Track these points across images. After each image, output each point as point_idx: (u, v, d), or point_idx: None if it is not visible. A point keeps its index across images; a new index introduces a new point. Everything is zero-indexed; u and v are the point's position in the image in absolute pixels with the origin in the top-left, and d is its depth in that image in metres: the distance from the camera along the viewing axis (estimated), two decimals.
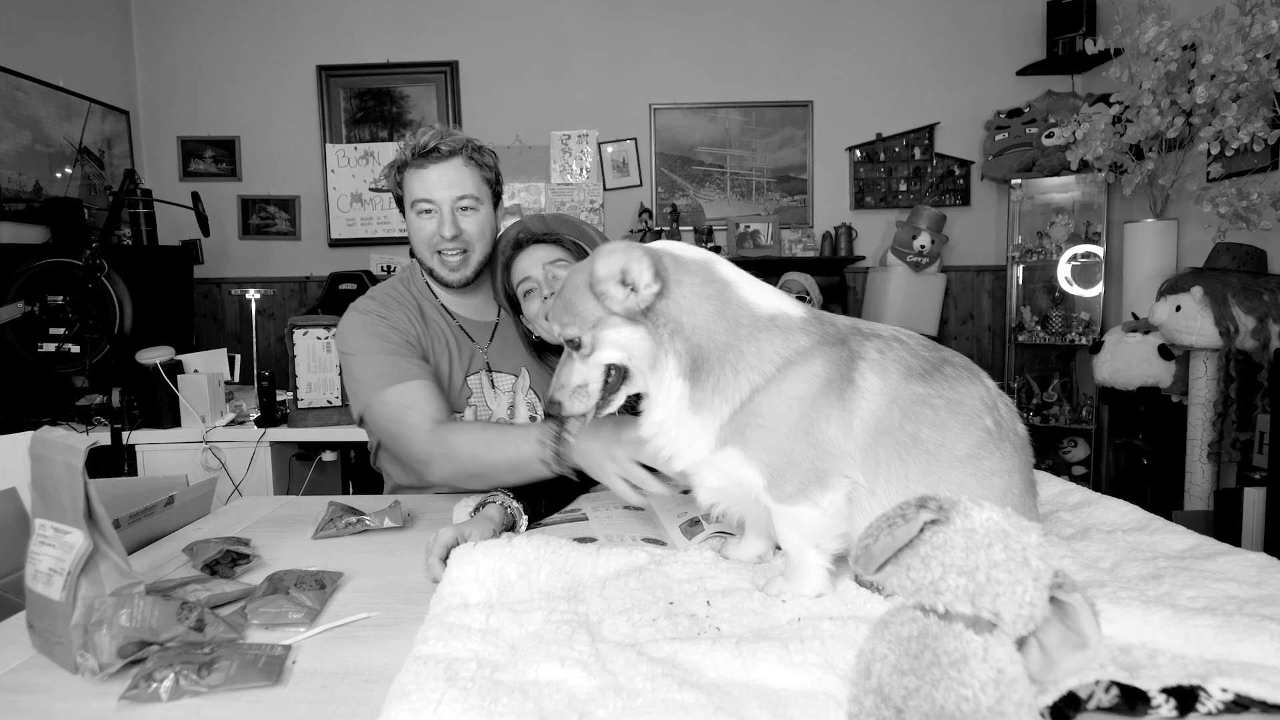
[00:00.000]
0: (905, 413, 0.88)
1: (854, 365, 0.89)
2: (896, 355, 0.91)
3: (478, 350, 1.55)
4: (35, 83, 3.51)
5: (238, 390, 3.03)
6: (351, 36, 4.28)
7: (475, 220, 1.46)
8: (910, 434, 0.88)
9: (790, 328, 0.90)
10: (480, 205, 1.46)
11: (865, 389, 0.88)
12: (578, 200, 4.34)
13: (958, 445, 0.89)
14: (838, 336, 0.92)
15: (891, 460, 0.88)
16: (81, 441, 0.76)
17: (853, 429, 0.88)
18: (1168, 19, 2.78)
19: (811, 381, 0.87)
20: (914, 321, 3.87)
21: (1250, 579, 0.86)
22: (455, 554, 0.94)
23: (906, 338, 0.95)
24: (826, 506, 0.88)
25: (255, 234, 4.38)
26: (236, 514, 1.32)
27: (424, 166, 1.42)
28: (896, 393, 0.89)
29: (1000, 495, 0.91)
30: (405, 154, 1.44)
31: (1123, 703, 0.62)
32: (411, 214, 1.46)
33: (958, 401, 0.90)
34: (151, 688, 0.69)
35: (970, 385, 0.93)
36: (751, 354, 0.88)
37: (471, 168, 1.44)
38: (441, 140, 1.41)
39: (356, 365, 1.39)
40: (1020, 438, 0.95)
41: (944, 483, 0.89)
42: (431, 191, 1.42)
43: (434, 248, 1.45)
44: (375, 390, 1.35)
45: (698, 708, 0.63)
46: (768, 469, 0.89)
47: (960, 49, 4.20)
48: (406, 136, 1.45)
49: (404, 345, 1.41)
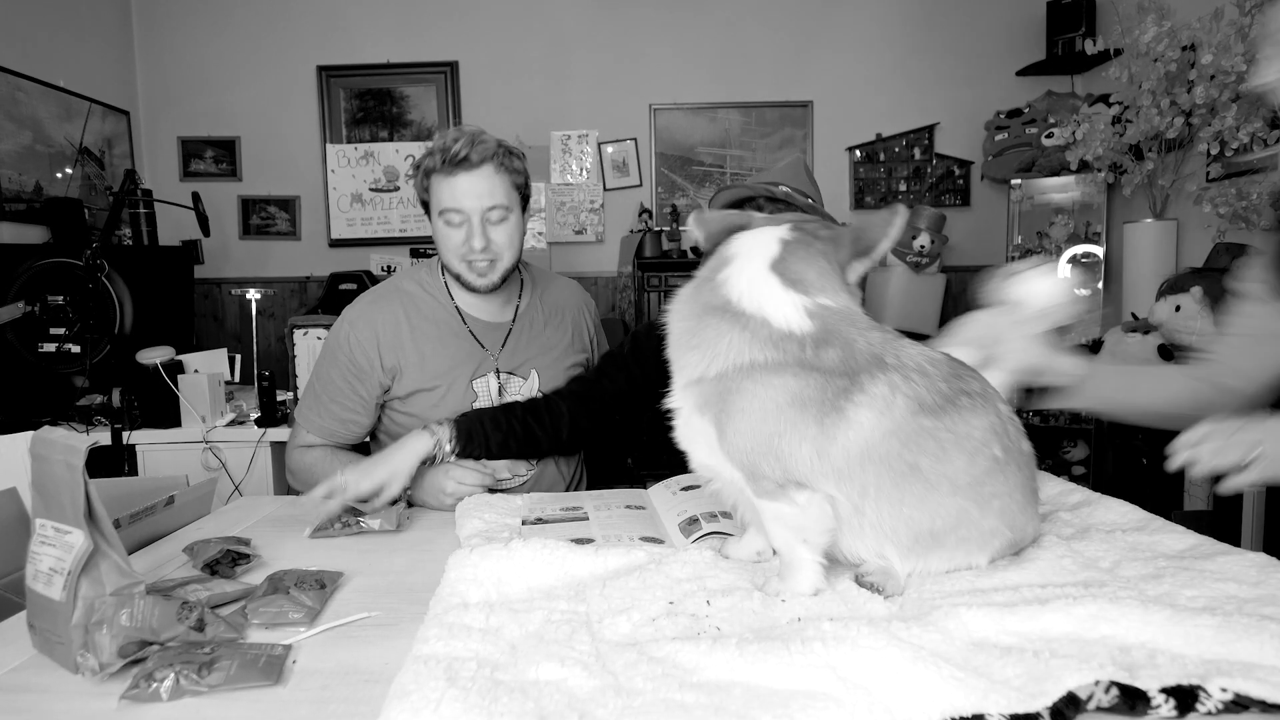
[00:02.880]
0: (905, 444, 0.86)
1: (849, 398, 0.85)
2: (911, 390, 0.86)
3: (488, 355, 1.54)
4: (35, 83, 3.51)
5: (238, 390, 3.03)
6: (351, 36, 4.28)
7: (504, 229, 1.44)
8: (909, 463, 0.86)
9: (757, 335, 0.87)
10: (510, 214, 1.43)
11: (855, 421, 0.85)
12: (578, 200, 4.35)
13: (960, 475, 0.87)
14: (843, 367, 0.86)
15: (884, 485, 0.86)
16: (82, 441, 0.76)
17: (828, 453, 0.85)
18: (1167, 19, 2.78)
19: (775, 390, 0.85)
20: (914, 322, 3.86)
21: (1250, 579, 0.86)
22: (453, 557, 0.95)
23: (932, 369, 0.89)
24: (805, 504, 0.87)
25: (255, 234, 4.38)
26: (236, 514, 1.32)
27: (453, 174, 1.38)
28: (898, 426, 0.85)
29: (999, 512, 0.91)
30: (434, 160, 1.40)
31: (1122, 703, 0.62)
32: (439, 221, 1.43)
33: (965, 435, 0.88)
34: (152, 687, 0.69)
35: (982, 416, 0.90)
36: (709, 338, 0.89)
37: (502, 175, 1.41)
38: (472, 148, 1.37)
39: (312, 383, 1.56)
40: (1025, 454, 0.95)
41: (942, 509, 0.88)
42: (460, 201, 1.39)
43: (462, 256, 1.44)
44: (305, 416, 1.54)
45: (698, 708, 0.63)
46: (739, 466, 0.88)
47: (960, 49, 4.20)
48: (435, 139, 1.41)
49: (344, 385, 1.51)
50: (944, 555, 0.91)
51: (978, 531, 0.90)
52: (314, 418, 1.52)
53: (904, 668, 0.66)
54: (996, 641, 0.73)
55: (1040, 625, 0.75)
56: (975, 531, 0.90)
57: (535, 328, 1.61)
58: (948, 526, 0.89)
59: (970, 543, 0.91)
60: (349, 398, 1.51)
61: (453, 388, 1.51)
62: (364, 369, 1.49)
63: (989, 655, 0.70)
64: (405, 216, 4.31)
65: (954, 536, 0.90)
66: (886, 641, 0.69)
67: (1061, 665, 0.66)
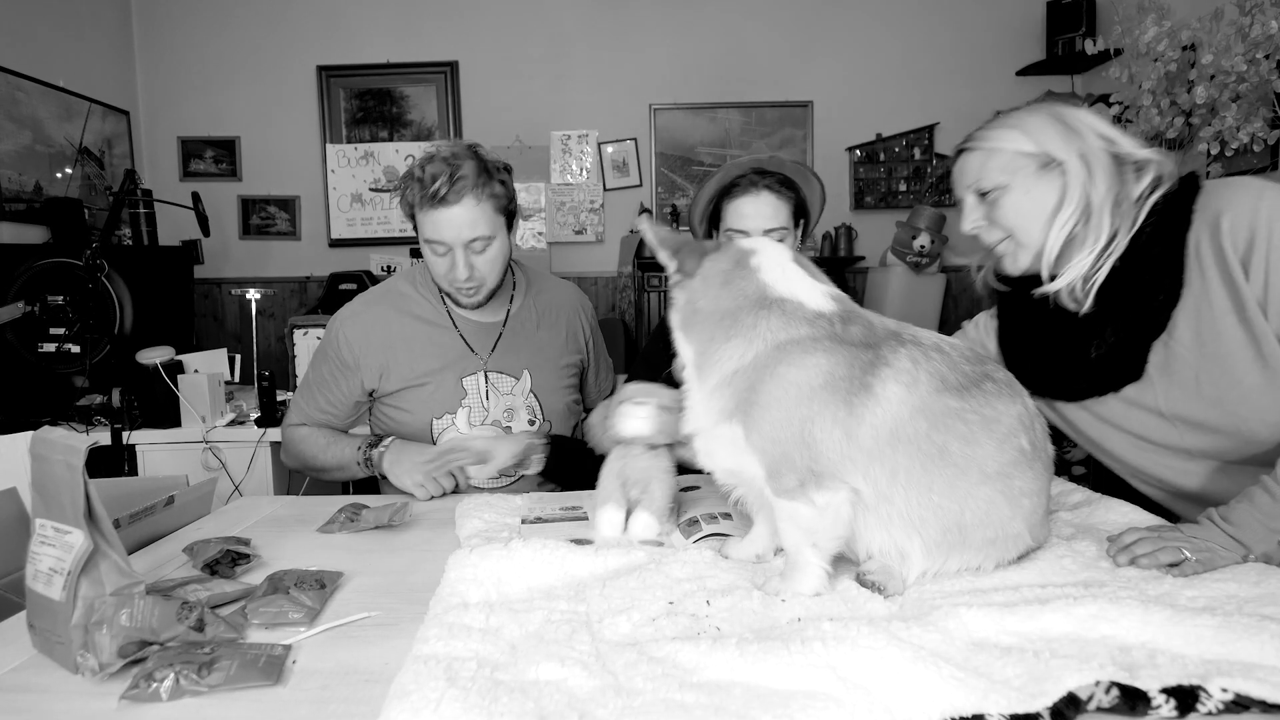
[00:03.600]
0: (933, 424, 0.87)
1: (874, 371, 0.87)
2: (932, 367, 0.89)
3: (476, 357, 1.56)
4: (35, 83, 3.51)
5: (238, 390, 3.02)
6: (351, 36, 4.28)
7: (487, 258, 1.46)
8: (938, 445, 0.87)
9: (795, 314, 0.91)
10: (493, 240, 1.45)
11: (883, 397, 0.87)
12: (578, 200, 4.35)
13: (989, 462, 0.88)
14: (863, 340, 0.90)
15: (914, 469, 0.87)
16: (81, 441, 0.76)
17: (858, 435, 0.86)
18: (1167, 19, 2.78)
19: (809, 370, 0.87)
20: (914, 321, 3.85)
21: (1250, 579, 0.86)
22: (453, 557, 0.96)
23: (950, 349, 0.93)
24: (823, 507, 0.87)
25: (255, 234, 4.38)
26: (236, 514, 1.32)
27: (434, 209, 1.40)
28: (925, 404, 0.87)
29: (1027, 515, 0.91)
30: (414, 193, 1.41)
31: (1123, 703, 0.63)
32: (425, 246, 1.47)
33: (994, 419, 0.89)
34: (151, 687, 0.69)
35: (1009, 404, 0.91)
36: (747, 324, 0.91)
37: (484, 204, 1.41)
38: (450, 187, 1.38)
39: (307, 374, 1.64)
40: (1049, 456, 0.96)
41: (971, 497, 0.88)
42: (443, 234, 1.41)
43: (450, 283, 1.48)
44: (296, 403, 1.63)
45: (698, 708, 0.63)
46: (766, 459, 0.89)
47: (960, 49, 4.20)
48: (414, 167, 1.42)
49: (330, 379, 1.57)
50: (967, 556, 0.90)
51: (1005, 533, 0.90)
52: (304, 405, 1.61)
53: (904, 668, 0.66)
54: (997, 641, 0.73)
55: (1040, 625, 0.75)
56: (1003, 533, 0.90)
57: (527, 329, 1.62)
58: (977, 520, 0.88)
59: (995, 545, 0.90)
60: (333, 391, 1.57)
61: (442, 385, 1.53)
62: (349, 366, 1.55)
63: (989, 655, 0.70)
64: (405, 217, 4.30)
65: (981, 535, 0.89)
66: (886, 641, 0.69)
67: (1062, 665, 0.66)
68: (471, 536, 1.13)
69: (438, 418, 1.53)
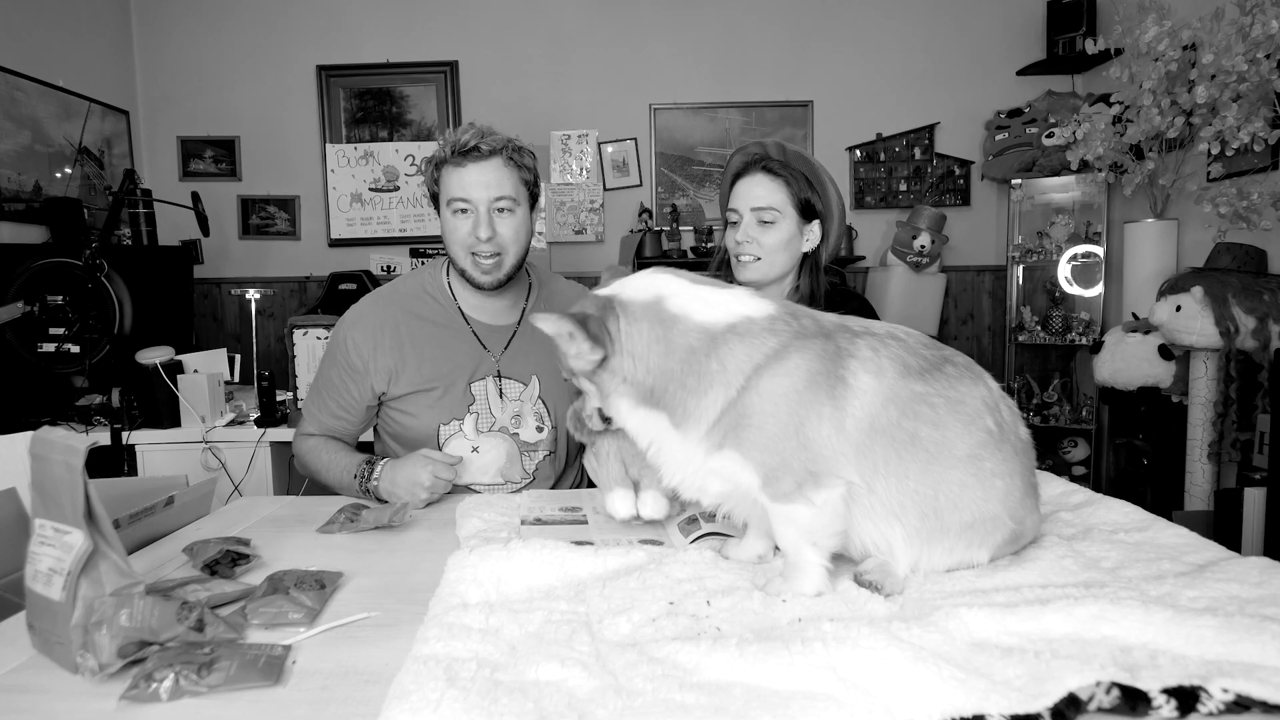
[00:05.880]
0: (903, 411, 0.88)
1: (843, 363, 0.88)
2: (892, 353, 0.90)
3: (488, 357, 1.54)
4: (35, 83, 3.51)
5: (238, 390, 3.02)
6: (351, 36, 4.28)
7: (511, 223, 1.44)
8: (909, 432, 0.88)
9: (752, 332, 0.89)
10: (517, 207, 1.44)
11: (858, 388, 0.88)
12: (578, 200, 4.34)
13: (958, 445, 0.89)
14: (820, 331, 0.91)
15: (890, 459, 0.88)
16: (81, 441, 0.76)
17: (845, 427, 0.87)
18: (1168, 19, 2.78)
19: (793, 375, 0.87)
20: (914, 321, 3.86)
21: (1251, 579, 0.85)
22: (453, 558, 0.96)
23: (905, 335, 0.94)
24: (821, 505, 0.87)
25: (255, 234, 4.38)
26: (236, 514, 1.32)
27: (462, 165, 1.40)
28: (893, 391, 0.88)
29: (1002, 497, 0.91)
30: (444, 151, 1.42)
31: (1123, 703, 0.62)
32: (446, 212, 1.45)
33: (958, 401, 0.90)
34: (151, 688, 0.69)
35: (972, 385, 0.92)
36: (715, 370, 0.88)
37: (510, 168, 1.42)
38: (482, 139, 1.39)
39: (316, 379, 1.60)
40: (1022, 441, 0.95)
41: (944, 482, 0.88)
42: (469, 191, 1.40)
43: (468, 249, 1.44)
44: (308, 408, 1.60)
45: (698, 708, 0.63)
46: (762, 469, 0.88)
47: (960, 49, 4.20)
48: (446, 133, 1.44)
49: (339, 384, 1.53)
50: (948, 544, 0.90)
51: (981, 516, 0.90)
52: (315, 411, 1.57)
53: (904, 668, 0.66)
54: (997, 642, 0.73)
55: (1041, 626, 0.75)
56: (978, 516, 0.90)
57: (539, 332, 1.59)
58: (951, 503, 0.89)
59: (974, 530, 0.90)
60: (343, 396, 1.53)
61: (450, 390, 1.50)
62: (358, 370, 1.51)
63: (990, 656, 0.70)
64: (405, 216, 4.31)
65: (957, 518, 0.89)
66: (887, 642, 0.69)
67: (1062, 666, 0.66)
68: (471, 537, 1.13)
69: (445, 424, 1.50)
